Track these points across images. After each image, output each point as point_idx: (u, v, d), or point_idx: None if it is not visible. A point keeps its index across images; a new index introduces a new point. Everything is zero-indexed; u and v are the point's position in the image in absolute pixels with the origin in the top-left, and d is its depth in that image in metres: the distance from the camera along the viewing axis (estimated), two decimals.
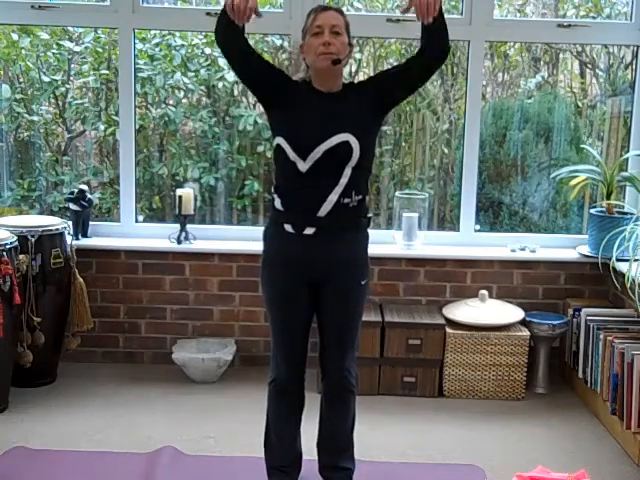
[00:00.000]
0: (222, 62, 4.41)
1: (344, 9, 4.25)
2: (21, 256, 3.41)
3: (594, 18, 4.41)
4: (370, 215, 2.59)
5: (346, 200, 2.45)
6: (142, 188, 4.49)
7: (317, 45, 2.42)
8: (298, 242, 2.49)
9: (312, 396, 2.79)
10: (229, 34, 2.41)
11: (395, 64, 2.55)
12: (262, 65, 2.49)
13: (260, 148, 4.46)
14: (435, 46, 2.45)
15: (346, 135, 2.41)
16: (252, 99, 4.58)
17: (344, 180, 2.43)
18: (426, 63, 2.48)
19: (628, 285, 3.18)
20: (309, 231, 2.47)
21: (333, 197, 2.43)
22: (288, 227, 2.49)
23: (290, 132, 2.44)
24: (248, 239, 3.87)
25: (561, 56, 4.74)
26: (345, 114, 2.46)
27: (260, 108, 4.55)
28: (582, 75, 4.76)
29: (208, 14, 3.86)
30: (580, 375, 3.65)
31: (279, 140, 2.46)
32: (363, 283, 2.57)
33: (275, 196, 2.53)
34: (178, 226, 3.95)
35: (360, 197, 2.49)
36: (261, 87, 2.52)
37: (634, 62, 4.08)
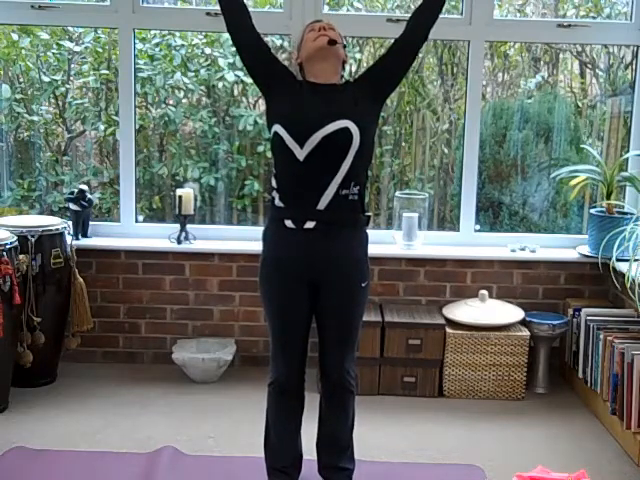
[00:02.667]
0: (222, 62, 4.41)
1: (344, 9, 4.31)
2: (21, 256, 3.41)
3: (594, 18, 4.41)
4: (369, 214, 2.59)
5: (345, 191, 2.44)
6: (142, 188, 4.50)
7: (313, 35, 2.50)
8: (299, 238, 2.48)
9: (312, 396, 2.79)
10: None
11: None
12: (264, 46, 2.55)
13: (260, 148, 4.46)
14: None
15: (346, 122, 2.40)
16: (252, 99, 4.59)
17: (343, 169, 2.42)
18: (427, 12, 2.56)
19: (628, 285, 3.18)
20: (309, 225, 2.46)
21: (332, 188, 2.42)
22: (289, 222, 2.48)
23: (287, 117, 2.43)
24: (248, 239, 3.87)
25: (561, 56, 4.74)
26: (345, 102, 2.47)
27: (260, 108, 4.57)
28: (582, 75, 4.76)
29: (208, 14, 3.86)
30: (580, 375, 3.65)
31: (276, 127, 2.44)
32: (364, 285, 2.56)
33: (274, 193, 2.52)
34: (178, 226, 3.95)
35: (358, 188, 2.48)
36: (261, 66, 2.55)
37: (634, 62, 4.08)
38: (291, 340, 2.58)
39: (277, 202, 2.51)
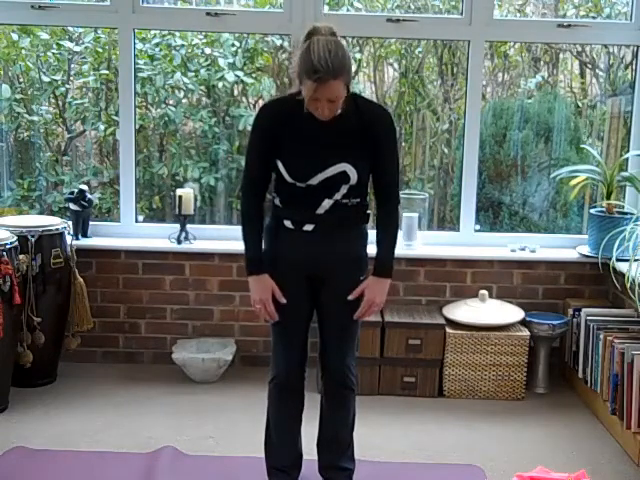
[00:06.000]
0: (222, 62, 4.41)
1: (344, 9, 4.30)
2: (21, 256, 3.41)
3: (594, 18, 4.41)
4: (369, 212, 2.60)
5: (344, 201, 2.48)
6: (142, 188, 4.50)
7: (314, 107, 2.33)
8: (298, 238, 2.50)
9: (312, 396, 2.79)
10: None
11: (388, 153, 2.50)
12: (270, 161, 2.48)
13: None
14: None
15: (344, 165, 2.42)
16: (252, 99, 4.59)
17: (342, 192, 2.46)
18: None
19: (628, 285, 3.18)
20: (308, 227, 2.49)
21: (331, 200, 2.46)
22: (288, 223, 2.51)
23: (288, 162, 2.44)
24: None
25: (561, 56, 4.75)
26: (344, 143, 2.42)
27: None
28: (582, 75, 4.76)
29: (208, 14, 3.86)
30: (580, 375, 3.65)
31: (278, 163, 2.46)
32: (362, 278, 2.58)
33: (274, 194, 2.55)
34: (178, 226, 3.95)
35: (358, 200, 2.51)
36: (278, 148, 2.47)
37: (634, 62, 4.08)
38: (292, 336, 2.59)
39: (277, 202, 2.54)
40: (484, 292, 3.81)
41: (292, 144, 2.43)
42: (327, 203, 2.46)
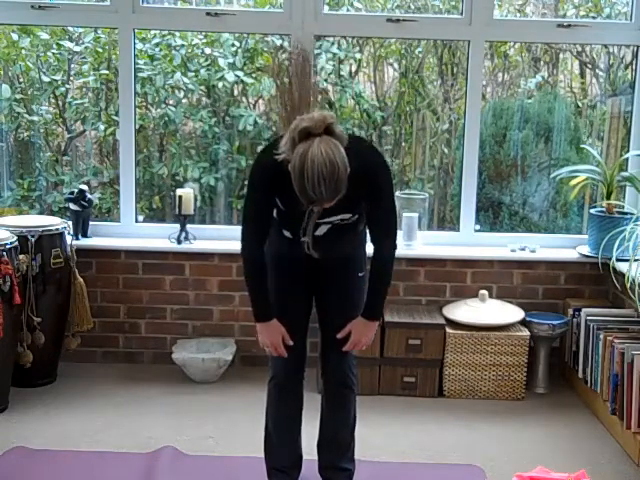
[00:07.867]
0: (222, 62, 4.41)
1: (344, 9, 4.30)
2: (21, 256, 3.41)
3: (594, 18, 4.41)
4: None
5: (344, 222, 2.47)
6: (142, 188, 4.50)
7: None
8: (297, 243, 2.50)
9: (312, 396, 2.79)
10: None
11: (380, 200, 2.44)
12: (271, 204, 2.43)
13: (260, 148, 4.46)
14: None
15: (343, 215, 2.42)
16: (252, 99, 4.59)
17: (339, 219, 2.46)
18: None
19: (628, 285, 3.18)
20: (306, 239, 2.48)
21: (328, 224, 2.45)
22: (287, 233, 2.51)
23: (285, 211, 2.43)
24: None
25: (561, 56, 4.75)
26: (339, 202, 2.30)
27: (260, 108, 4.57)
28: (582, 75, 4.76)
29: (208, 14, 3.86)
30: (580, 375, 3.65)
31: (278, 203, 2.42)
32: (361, 275, 2.60)
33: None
34: (178, 226, 3.95)
35: (356, 217, 2.49)
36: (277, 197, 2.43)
37: (634, 62, 4.08)
38: (291, 336, 2.58)
39: (274, 215, 2.50)
40: (484, 292, 3.81)
41: (288, 203, 2.38)
42: (325, 227, 2.46)
